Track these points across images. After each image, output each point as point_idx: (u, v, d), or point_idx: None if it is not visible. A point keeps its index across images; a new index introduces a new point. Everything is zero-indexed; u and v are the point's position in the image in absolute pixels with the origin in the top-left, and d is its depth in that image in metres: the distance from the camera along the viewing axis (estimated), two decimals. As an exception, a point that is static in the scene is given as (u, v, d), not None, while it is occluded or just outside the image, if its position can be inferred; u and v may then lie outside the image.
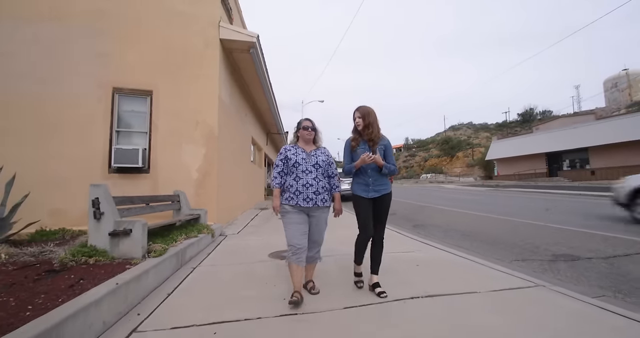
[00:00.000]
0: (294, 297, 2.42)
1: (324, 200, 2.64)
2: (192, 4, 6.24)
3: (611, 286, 3.05)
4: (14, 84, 5.23)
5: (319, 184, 2.62)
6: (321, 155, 2.75)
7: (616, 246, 4.52)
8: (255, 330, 2.07)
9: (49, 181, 5.11)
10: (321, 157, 2.72)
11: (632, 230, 5.63)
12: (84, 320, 1.92)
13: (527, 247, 4.67)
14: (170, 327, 2.13)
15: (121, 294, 2.34)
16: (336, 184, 2.80)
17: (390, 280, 2.89)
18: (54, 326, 1.69)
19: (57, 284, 2.40)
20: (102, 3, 5.72)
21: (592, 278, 3.31)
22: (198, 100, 6.05)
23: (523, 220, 7.10)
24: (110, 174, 5.50)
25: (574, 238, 5.10)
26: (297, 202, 2.56)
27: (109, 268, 2.85)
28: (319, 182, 2.63)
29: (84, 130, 5.44)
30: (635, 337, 1.91)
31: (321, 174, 2.68)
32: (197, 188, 5.89)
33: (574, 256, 4.11)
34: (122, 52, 5.74)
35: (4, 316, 1.81)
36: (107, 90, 5.62)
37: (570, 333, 1.96)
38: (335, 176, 2.81)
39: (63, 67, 5.47)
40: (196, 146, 5.95)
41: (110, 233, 3.20)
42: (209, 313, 2.32)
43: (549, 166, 28.87)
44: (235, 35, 6.43)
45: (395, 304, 2.43)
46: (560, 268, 3.64)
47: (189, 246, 3.96)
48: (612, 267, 3.61)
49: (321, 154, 2.75)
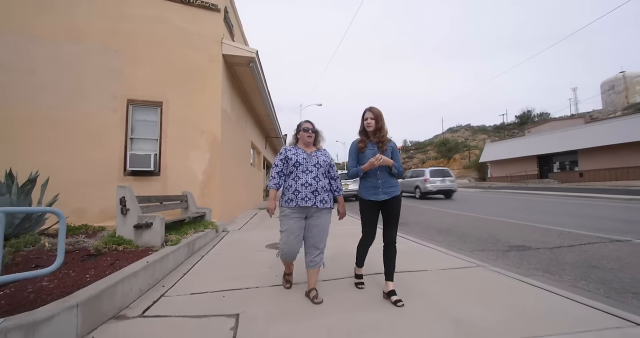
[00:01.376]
0: (286, 281, 2.86)
1: (323, 201, 2.58)
2: (197, 23, 6.95)
3: (544, 269, 3.75)
4: (39, 98, 5.91)
5: (319, 184, 2.57)
6: (322, 156, 2.72)
7: (565, 239, 5.23)
8: (254, 294, 2.76)
9: (72, 183, 5.78)
10: (322, 158, 2.69)
11: (588, 225, 6.33)
12: (127, 285, 2.61)
13: (490, 240, 5.37)
14: (190, 293, 2.83)
15: (150, 271, 3.04)
16: (339, 187, 2.75)
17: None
18: (109, 287, 2.38)
19: (100, 263, 3.09)
20: (116, 24, 6.42)
21: (532, 263, 4.00)
22: (203, 110, 6.76)
23: (497, 218, 7.81)
24: (126, 177, 6.18)
25: (533, 233, 5.81)
26: (297, 202, 2.52)
27: (135, 253, 3.54)
28: (318, 181, 2.58)
29: (102, 138, 6.13)
30: (548, 304, 2.57)
31: (322, 174, 2.63)
32: (202, 189, 6.59)
33: (525, 247, 4.82)
34: (135, 67, 6.43)
35: (73, 281, 2.50)
36: (122, 102, 6.31)
37: (494, 295, 2.65)
38: (337, 178, 2.77)
39: (82, 82, 6.15)
40: (201, 152, 6.65)
41: (135, 226, 3.90)
42: (218, 285, 3.01)
43: (540, 168, 29.69)
44: (236, 51, 7.14)
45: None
46: (510, 256, 4.34)
47: (197, 238, 4.65)
48: (552, 255, 4.31)
49: (322, 155, 2.72)
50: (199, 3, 6.93)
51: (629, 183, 20.83)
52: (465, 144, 69.42)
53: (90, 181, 5.92)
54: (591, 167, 24.57)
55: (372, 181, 2.65)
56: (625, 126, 21.98)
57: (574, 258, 4.09)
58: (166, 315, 2.37)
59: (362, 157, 2.71)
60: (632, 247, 4.55)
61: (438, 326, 2.09)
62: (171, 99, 6.59)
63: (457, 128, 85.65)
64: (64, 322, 1.87)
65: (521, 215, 8.25)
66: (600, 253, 4.27)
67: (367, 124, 2.69)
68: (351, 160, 2.79)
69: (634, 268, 3.61)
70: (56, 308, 1.86)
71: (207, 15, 7.04)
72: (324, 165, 2.66)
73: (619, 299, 2.77)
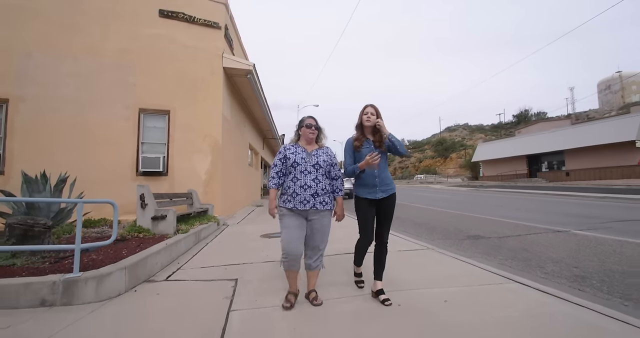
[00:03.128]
0: (287, 300, 2.45)
1: (323, 203, 2.49)
2: (201, 40, 7.80)
3: (485, 252, 4.62)
4: (63, 108, 6.74)
5: (319, 186, 2.47)
6: (323, 155, 2.58)
7: (517, 230, 6.12)
8: (249, 267, 3.63)
9: (92, 182, 6.60)
10: (322, 157, 2.56)
11: (544, 219, 7.22)
12: (153, 259, 3.47)
13: (454, 232, 6.26)
14: (200, 267, 3.70)
15: (168, 251, 3.90)
16: (339, 187, 2.64)
17: (332, 247, 4.43)
18: (142, 259, 3.24)
19: (129, 245, 3.96)
20: (129, 43, 7.25)
21: (479, 248, 4.87)
22: (206, 117, 7.61)
23: (471, 214, 8.70)
24: (138, 176, 7.03)
25: (493, 225, 6.70)
26: (294, 205, 2.43)
27: (153, 239, 4.40)
28: (318, 183, 2.48)
29: (117, 142, 6.97)
30: (463, 271, 3.42)
31: (322, 175, 2.52)
32: (205, 187, 7.45)
33: (480, 236, 5.70)
34: (146, 80, 7.27)
35: (114, 256, 3.36)
36: (134, 111, 7.15)
37: (427, 266, 3.52)
38: (339, 178, 2.66)
39: (100, 93, 6.99)
40: (204, 154, 7.51)
41: (152, 218, 4.76)
42: (221, 261, 3.89)
43: (529, 168, 30.67)
44: (235, 64, 8.00)
45: (325, 258, 4.00)
46: (464, 243, 5.22)
47: (202, 229, 5.52)
48: (498, 242, 5.19)
49: (323, 154, 2.59)
50: (202, 22, 7.78)
51: (611, 182, 21.78)
52: (461, 143, 70.28)
53: (107, 180, 6.76)
54: (577, 166, 25.53)
55: (369, 179, 2.60)
56: (609, 128, 22.93)
57: (513, 245, 4.97)
58: (184, 279, 3.24)
59: (358, 155, 2.65)
60: (566, 236, 5.44)
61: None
62: (177, 107, 7.44)
63: (455, 127, 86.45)
64: (118, 278, 2.74)
65: (492, 212, 9.14)
66: (536, 241, 5.15)
67: (367, 118, 2.64)
68: (347, 158, 2.72)
69: (554, 251, 4.49)
70: (113, 268, 2.74)
71: (209, 33, 7.89)
72: (324, 165, 2.54)
73: (527, 270, 3.64)
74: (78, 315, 2.30)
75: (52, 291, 2.43)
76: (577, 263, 3.89)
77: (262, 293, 2.75)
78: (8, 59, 6.48)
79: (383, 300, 2.46)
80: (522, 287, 2.79)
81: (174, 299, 2.69)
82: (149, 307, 2.53)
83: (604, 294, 2.90)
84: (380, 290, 2.55)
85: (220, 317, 2.28)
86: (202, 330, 2.08)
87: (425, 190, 23.60)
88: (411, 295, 2.65)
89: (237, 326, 2.14)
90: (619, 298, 2.79)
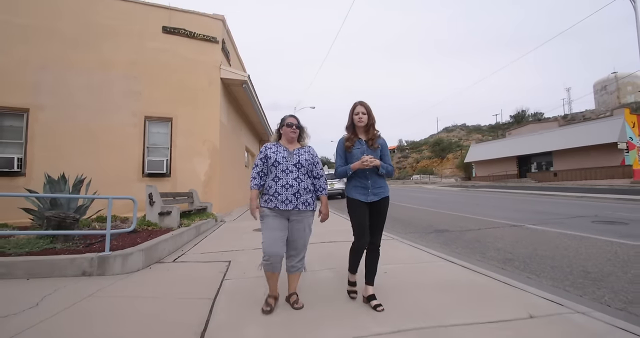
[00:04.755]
0: (267, 304, 2.41)
1: (306, 203, 2.45)
2: (200, 53, 8.60)
3: (444, 242, 5.41)
4: (76, 116, 7.53)
5: (301, 185, 2.44)
6: (304, 154, 2.55)
7: (480, 225, 6.92)
8: (241, 253, 4.42)
9: (103, 182, 7.36)
10: (304, 156, 2.53)
11: (509, 216, 8.03)
12: (162, 246, 4.27)
13: (425, 226, 7.07)
14: (200, 253, 4.51)
15: (174, 240, 4.70)
16: (322, 186, 2.62)
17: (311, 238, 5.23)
18: (154, 244, 4.04)
19: (141, 235, 4.75)
20: (136, 56, 8.04)
21: (440, 240, 5.67)
22: (205, 123, 8.41)
23: (447, 212, 9.51)
24: (144, 178, 7.82)
25: (461, 221, 7.51)
26: (276, 204, 2.39)
27: (160, 231, 5.20)
28: (300, 182, 2.44)
29: (125, 147, 7.76)
30: (412, 254, 4.22)
31: (303, 174, 2.49)
32: (204, 187, 8.25)
33: (446, 230, 6.51)
34: (151, 90, 8.07)
35: (130, 242, 4.16)
36: (140, 118, 7.95)
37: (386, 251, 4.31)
38: (322, 177, 2.63)
39: (109, 102, 7.77)
40: (203, 157, 8.31)
41: (159, 213, 5.56)
42: (218, 249, 4.70)
43: (519, 168, 31.59)
44: (232, 75, 8.81)
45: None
46: (430, 236, 6.02)
47: (202, 224, 6.31)
48: (459, 235, 5.99)
49: (304, 153, 2.56)
50: (201, 37, 8.58)
51: (596, 182, 22.64)
52: (458, 144, 71.05)
53: (116, 181, 7.54)
54: (564, 167, 26.43)
55: (361, 181, 2.55)
56: (593, 130, 23.83)
57: (470, 237, 5.77)
58: (188, 261, 4.05)
59: (350, 156, 2.60)
60: (519, 230, 6.25)
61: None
62: (179, 115, 8.23)
63: (453, 127, 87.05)
64: (137, 257, 3.54)
65: (468, 210, 9.95)
66: (491, 234, 5.96)
67: (358, 118, 2.57)
68: (339, 159, 2.67)
69: (501, 241, 5.30)
70: (134, 250, 3.55)
71: (207, 46, 8.69)
72: (305, 164, 2.50)
73: (470, 255, 4.44)
74: (110, 281, 3.10)
75: (90, 265, 3.24)
76: (512, 250, 4.70)
77: (249, 269, 3.55)
78: (28, 73, 7.26)
79: (375, 306, 2.37)
80: (448, 263, 3.62)
81: (181, 273, 3.50)
82: (161, 278, 3.33)
83: (520, 271, 3.70)
84: (372, 296, 2.46)
85: (216, 283, 3.09)
86: (203, 291, 2.88)
87: (417, 191, 24.41)
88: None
89: (228, 288, 2.95)
90: (527, 273, 3.60)
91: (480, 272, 3.28)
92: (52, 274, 3.16)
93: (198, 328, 2.13)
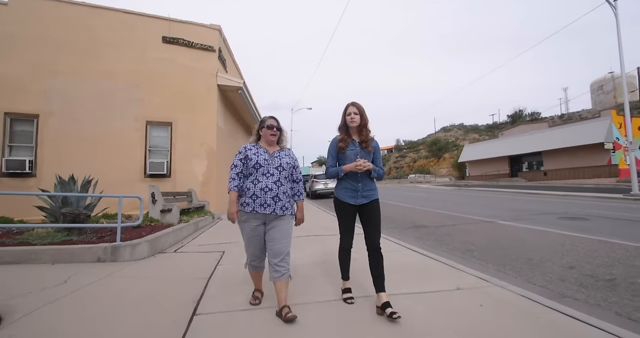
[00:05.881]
0: (254, 297, 2.57)
1: (284, 208, 2.40)
2: (198, 61, 9.16)
3: (419, 236, 5.99)
4: (83, 121, 8.09)
5: (280, 189, 2.39)
6: (285, 157, 2.52)
7: (456, 221, 7.52)
8: (234, 245, 4.99)
9: (108, 182, 7.94)
10: (285, 159, 2.50)
11: (485, 213, 8.63)
12: (164, 239, 4.85)
13: (405, 222, 7.66)
14: (198, 245, 5.09)
15: (175, 234, 5.28)
16: (300, 191, 2.60)
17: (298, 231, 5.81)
18: (157, 237, 4.61)
19: (145, 230, 5.33)
20: (138, 65, 8.59)
21: (416, 234, 6.25)
22: (202, 127, 8.98)
23: (431, 209, 10.12)
24: (146, 178, 8.39)
25: (440, 218, 8.11)
26: (254, 208, 2.33)
27: (162, 227, 5.77)
28: (279, 186, 2.39)
29: (128, 150, 8.33)
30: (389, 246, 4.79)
31: (285, 178, 2.45)
32: (202, 187, 8.83)
33: (423, 226, 7.10)
34: (152, 97, 8.63)
35: (136, 236, 4.73)
36: (142, 123, 8.51)
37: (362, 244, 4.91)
38: (300, 181, 2.62)
39: (113, 108, 8.34)
40: (201, 159, 8.89)
41: (161, 211, 6.14)
42: (213, 242, 5.28)
43: (511, 168, 32.29)
44: (228, 82, 9.38)
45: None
46: (407, 231, 6.60)
47: (200, 220, 6.89)
48: (434, 230, 6.58)
49: (285, 156, 2.53)
50: (199, 46, 9.15)
51: (584, 182, 23.33)
52: (454, 144, 71.68)
53: (120, 181, 8.10)
54: (554, 166, 27.11)
55: (352, 183, 2.54)
56: (581, 130, 24.53)
57: (444, 231, 6.37)
58: (187, 251, 4.64)
59: (342, 157, 2.59)
60: (489, 225, 6.85)
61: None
62: (179, 119, 8.80)
63: (450, 127, 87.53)
64: (143, 247, 4.12)
65: (451, 207, 10.56)
66: (463, 229, 6.55)
67: (350, 119, 2.56)
68: (330, 159, 2.65)
69: (469, 235, 5.89)
70: (140, 241, 4.13)
71: (205, 55, 9.26)
72: (287, 168, 2.48)
73: (437, 247, 5.03)
74: (121, 266, 3.69)
75: (104, 253, 3.83)
76: (476, 242, 5.30)
77: (240, 258, 4.13)
78: (38, 81, 7.82)
79: (390, 314, 2.14)
80: (411, 252, 4.24)
81: (181, 260, 4.09)
82: (164, 264, 3.92)
83: (475, 259, 4.29)
84: (386, 303, 2.25)
85: (210, 268, 3.67)
86: (199, 273, 3.47)
87: (410, 190, 25.02)
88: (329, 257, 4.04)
89: (221, 271, 3.54)
90: (480, 260, 4.19)
91: (434, 258, 3.89)
92: (73, 260, 3.75)
93: (195, 298, 2.72)
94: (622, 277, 3.37)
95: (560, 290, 3.07)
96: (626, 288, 3.05)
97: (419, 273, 3.32)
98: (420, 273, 3.30)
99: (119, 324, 2.22)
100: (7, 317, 2.21)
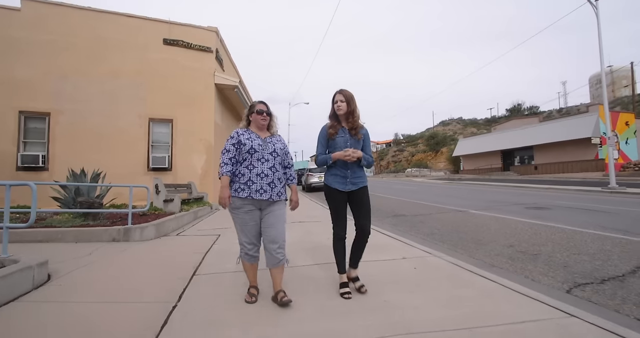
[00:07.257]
0: (250, 294, 2.42)
1: (279, 194, 2.42)
2: (197, 61, 9.78)
3: (395, 224, 6.70)
4: (91, 119, 8.75)
5: (275, 175, 2.39)
6: (277, 143, 2.53)
7: (433, 211, 8.24)
8: (228, 230, 5.70)
9: (114, 175, 8.64)
10: (278, 145, 2.51)
11: (464, 204, 9.34)
12: (168, 224, 5.56)
13: (387, 212, 8.38)
14: (197, 230, 5.81)
15: (176, 220, 5.99)
16: (292, 175, 2.64)
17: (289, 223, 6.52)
18: (162, 222, 5.33)
19: (151, 217, 6.04)
20: (141, 65, 9.22)
21: (393, 222, 6.96)
22: (201, 124, 9.65)
23: (415, 201, 10.83)
24: (149, 171, 9.08)
25: (420, 208, 8.83)
26: (249, 194, 2.30)
27: (165, 215, 6.47)
28: (275, 172, 2.40)
29: (132, 145, 9.00)
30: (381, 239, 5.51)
31: (279, 164, 2.46)
32: (201, 180, 9.53)
33: (403, 215, 7.82)
34: (154, 95, 9.27)
35: (143, 221, 5.46)
36: (145, 120, 9.17)
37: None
38: (292, 167, 2.66)
39: (119, 106, 8.99)
40: (200, 154, 9.57)
41: (164, 201, 6.84)
42: (211, 228, 6.00)
43: (503, 162, 33.02)
44: (224, 81, 10.01)
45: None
46: (387, 219, 7.31)
47: (199, 210, 7.61)
48: (411, 218, 7.29)
49: (277, 142, 2.54)
50: (198, 47, 9.76)
51: (572, 175, 24.04)
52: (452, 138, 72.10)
53: (125, 174, 8.78)
54: (544, 161, 27.84)
55: (342, 171, 2.57)
56: (570, 125, 25.18)
57: (418, 220, 7.08)
58: (187, 235, 5.36)
59: (332, 143, 2.61)
60: (461, 214, 7.56)
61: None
62: (179, 116, 9.46)
63: (449, 121, 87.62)
64: (151, 230, 4.85)
65: (434, 199, 11.27)
66: (437, 218, 7.26)
67: (337, 107, 2.58)
68: (320, 147, 2.67)
69: (440, 223, 6.59)
70: (148, 225, 4.86)
71: (203, 55, 9.87)
72: (280, 153, 2.49)
73: (409, 232, 5.74)
74: (133, 245, 4.42)
75: (118, 234, 4.55)
76: (442, 227, 6.01)
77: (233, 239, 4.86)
78: (49, 82, 8.46)
79: (359, 288, 2.48)
80: (381, 234, 4.97)
81: (183, 241, 4.82)
82: (168, 243, 4.65)
83: (435, 241, 5.00)
84: (356, 277, 2.56)
85: (207, 246, 4.39)
86: (198, 249, 4.19)
87: (403, 183, 25.70)
88: (317, 243, 4.77)
89: (216, 248, 4.26)
90: (438, 241, 4.91)
91: (397, 238, 4.63)
92: (91, 239, 4.48)
93: (195, 264, 3.45)
94: (547, 253, 4.08)
95: (492, 262, 3.79)
96: (544, 260, 3.77)
97: (380, 248, 4.05)
98: (380, 249, 4.03)
99: (137, 279, 2.96)
100: (54, 274, 2.94)
